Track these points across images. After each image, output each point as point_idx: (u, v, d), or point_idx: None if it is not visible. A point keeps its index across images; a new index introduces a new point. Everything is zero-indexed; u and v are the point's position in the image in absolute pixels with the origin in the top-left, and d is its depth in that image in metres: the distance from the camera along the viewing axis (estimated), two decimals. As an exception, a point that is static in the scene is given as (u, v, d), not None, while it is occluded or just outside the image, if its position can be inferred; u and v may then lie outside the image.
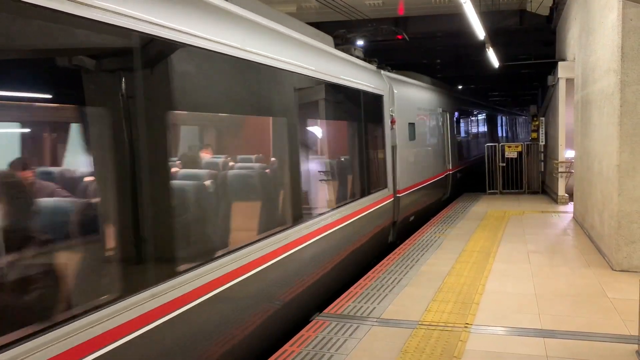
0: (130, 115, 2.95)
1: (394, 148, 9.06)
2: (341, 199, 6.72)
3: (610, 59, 6.87)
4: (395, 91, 9.28)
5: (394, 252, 8.03)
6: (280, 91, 4.93)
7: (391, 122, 8.96)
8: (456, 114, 15.33)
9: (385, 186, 8.57)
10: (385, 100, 8.79)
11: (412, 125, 10.27)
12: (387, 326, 5.04)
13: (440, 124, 13.15)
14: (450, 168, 13.74)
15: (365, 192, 7.53)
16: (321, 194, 6.25)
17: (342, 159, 7.24)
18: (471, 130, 19.48)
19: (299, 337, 4.83)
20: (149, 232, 3.05)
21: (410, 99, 10.56)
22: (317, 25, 15.20)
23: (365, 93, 7.73)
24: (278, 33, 5.21)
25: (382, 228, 8.42)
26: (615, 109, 6.60)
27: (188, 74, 3.49)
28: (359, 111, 7.59)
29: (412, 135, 10.22)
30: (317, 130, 6.37)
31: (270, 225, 4.70)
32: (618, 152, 6.54)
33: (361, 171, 7.47)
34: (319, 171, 6.14)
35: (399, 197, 9.15)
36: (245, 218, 4.43)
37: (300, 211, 5.17)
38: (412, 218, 10.22)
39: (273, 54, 4.74)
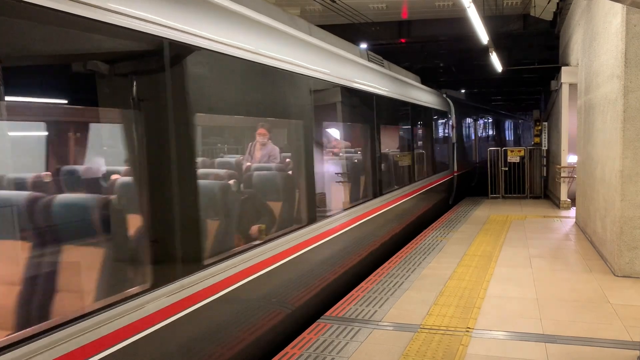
0: None
1: None
2: None
3: (614, 64, 6.87)
4: None
5: (395, 255, 8.03)
6: None
7: None
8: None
9: None
10: None
11: None
12: (389, 329, 5.04)
13: None
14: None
15: None
16: None
17: None
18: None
19: (300, 339, 4.83)
20: None
21: None
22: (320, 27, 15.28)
23: None
24: None
25: None
26: (618, 115, 6.60)
27: None
28: None
29: None
30: None
31: None
32: (621, 158, 6.54)
33: None
34: None
35: None
36: None
37: None
38: None
39: None
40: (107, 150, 4.31)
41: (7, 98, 2.49)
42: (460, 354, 4.45)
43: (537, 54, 18.24)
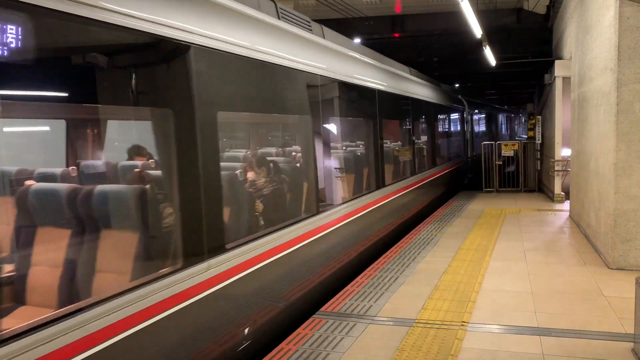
0: None
1: None
2: None
3: (607, 57, 6.88)
4: None
5: (390, 249, 8.03)
6: None
7: None
8: None
9: None
10: None
11: None
12: (384, 324, 5.04)
13: None
14: None
15: None
16: None
17: None
18: None
19: (295, 335, 4.83)
20: None
21: None
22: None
23: None
24: None
25: None
26: (611, 108, 6.62)
27: None
28: None
29: None
30: None
31: None
32: (614, 151, 6.55)
33: None
34: None
35: None
36: None
37: None
38: None
39: None
40: None
41: None
42: (455, 347, 4.46)
43: (531, 47, 18.25)
